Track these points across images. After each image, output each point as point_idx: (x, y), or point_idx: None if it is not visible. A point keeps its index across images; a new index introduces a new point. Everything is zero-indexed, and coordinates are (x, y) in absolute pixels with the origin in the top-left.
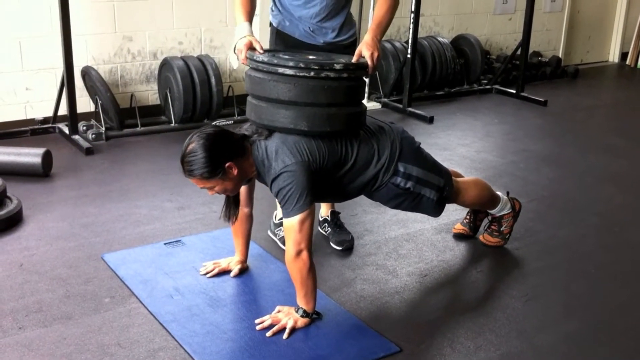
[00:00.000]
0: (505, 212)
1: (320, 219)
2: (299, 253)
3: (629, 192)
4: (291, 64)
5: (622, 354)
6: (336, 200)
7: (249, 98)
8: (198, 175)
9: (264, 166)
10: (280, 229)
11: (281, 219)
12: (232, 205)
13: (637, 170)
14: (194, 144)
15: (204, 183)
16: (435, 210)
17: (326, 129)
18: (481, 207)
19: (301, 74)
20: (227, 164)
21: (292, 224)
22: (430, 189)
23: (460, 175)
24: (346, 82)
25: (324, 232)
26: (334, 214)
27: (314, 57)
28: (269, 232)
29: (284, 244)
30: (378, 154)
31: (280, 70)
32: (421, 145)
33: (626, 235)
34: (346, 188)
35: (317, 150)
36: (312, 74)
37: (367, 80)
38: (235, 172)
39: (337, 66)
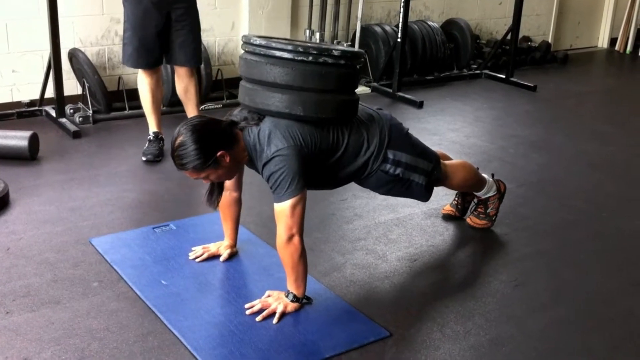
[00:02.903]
0: (491, 194)
1: None
2: (290, 238)
3: (618, 179)
4: (289, 47)
5: (610, 341)
6: (327, 188)
7: (242, 82)
8: (191, 167)
9: (256, 151)
10: None
11: None
12: (215, 190)
13: (626, 157)
14: (182, 137)
15: (197, 174)
16: (424, 195)
17: (320, 114)
18: (468, 189)
19: (299, 58)
20: (218, 153)
21: (284, 208)
22: (419, 174)
23: (448, 158)
24: (343, 69)
25: None
26: None
27: (311, 43)
28: None
29: None
30: (367, 142)
31: (278, 53)
32: (409, 131)
33: (615, 222)
34: (336, 176)
35: (310, 135)
36: (310, 58)
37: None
38: (227, 159)
39: (335, 52)
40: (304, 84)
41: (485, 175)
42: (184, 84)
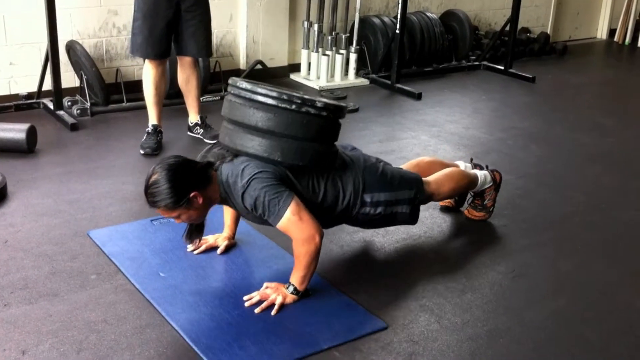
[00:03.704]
0: (486, 186)
1: (191, 124)
2: (311, 237)
3: (617, 170)
4: (274, 94)
5: (608, 333)
6: None
7: (224, 123)
8: (162, 206)
9: (229, 185)
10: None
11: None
12: (194, 229)
13: (624, 148)
14: (157, 175)
15: (169, 213)
16: (410, 221)
17: (298, 162)
18: (461, 193)
19: (282, 106)
20: (191, 194)
21: (288, 218)
22: (402, 204)
23: (436, 165)
24: (325, 121)
25: (196, 135)
26: (202, 118)
27: (297, 92)
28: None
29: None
30: (343, 191)
31: (262, 98)
32: (385, 166)
33: (614, 214)
34: (321, 221)
35: (284, 175)
36: (293, 107)
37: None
38: (200, 200)
39: (319, 104)
40: (284, 131)
41: (476, 171)
42: (186, 75)
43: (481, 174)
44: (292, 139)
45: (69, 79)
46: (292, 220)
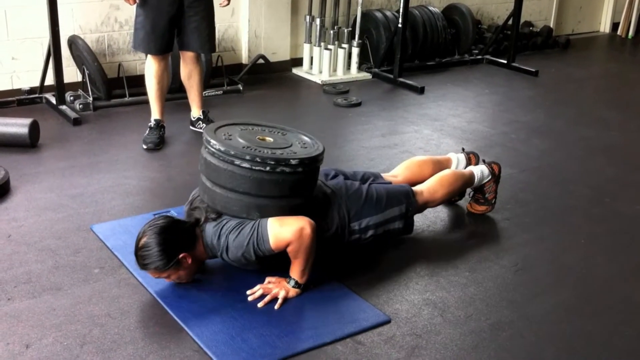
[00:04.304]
0: (485, 180)
1: (193, 119)
2: (300, 232)
3: (620, 164)
4: (248, 157)
5: (610, 326)
6: None
7: (202, 177)
8: (152, 268)
9: (214, 246)
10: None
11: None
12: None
13: (627, 142)
14: (146, 238)
15: (159, 274)
16: (405, 233)
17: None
18: (458, 193)
19: (257, 168)
20: (180, 255)
21: (273, 230)
22: (394, 221)
23: (428, 164)
24: (301, 175)
25: (199, 130)
26: (204, 112)
27: (271, 139)
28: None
29: None
30: (328, 226)
31: (237, 162)
32: (370, 187)
33: (616, 207)
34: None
35: None
36: (268, 168)
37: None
38: (189, 261)
39: (293, 161)
40: (261, 192)
41: (471, 168)
42: (188, 69)
43: (477, 169)
44: (270, 198)
45: (71, 73)
46: (276, 230)
